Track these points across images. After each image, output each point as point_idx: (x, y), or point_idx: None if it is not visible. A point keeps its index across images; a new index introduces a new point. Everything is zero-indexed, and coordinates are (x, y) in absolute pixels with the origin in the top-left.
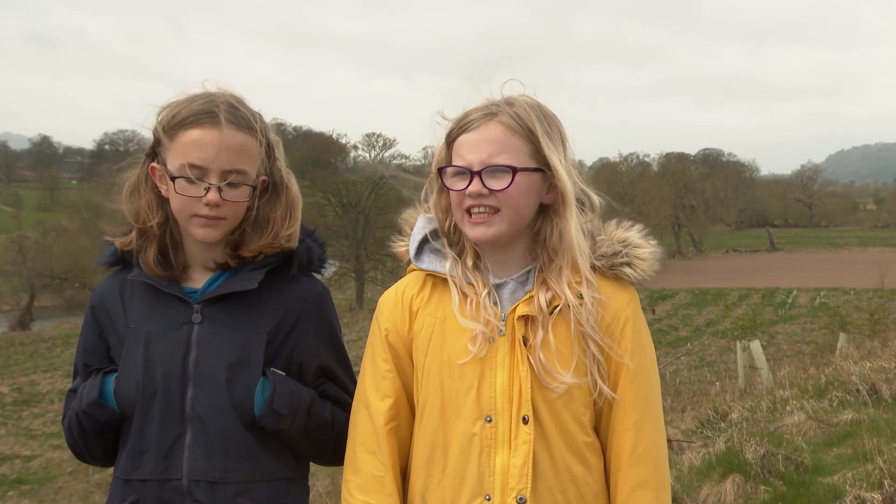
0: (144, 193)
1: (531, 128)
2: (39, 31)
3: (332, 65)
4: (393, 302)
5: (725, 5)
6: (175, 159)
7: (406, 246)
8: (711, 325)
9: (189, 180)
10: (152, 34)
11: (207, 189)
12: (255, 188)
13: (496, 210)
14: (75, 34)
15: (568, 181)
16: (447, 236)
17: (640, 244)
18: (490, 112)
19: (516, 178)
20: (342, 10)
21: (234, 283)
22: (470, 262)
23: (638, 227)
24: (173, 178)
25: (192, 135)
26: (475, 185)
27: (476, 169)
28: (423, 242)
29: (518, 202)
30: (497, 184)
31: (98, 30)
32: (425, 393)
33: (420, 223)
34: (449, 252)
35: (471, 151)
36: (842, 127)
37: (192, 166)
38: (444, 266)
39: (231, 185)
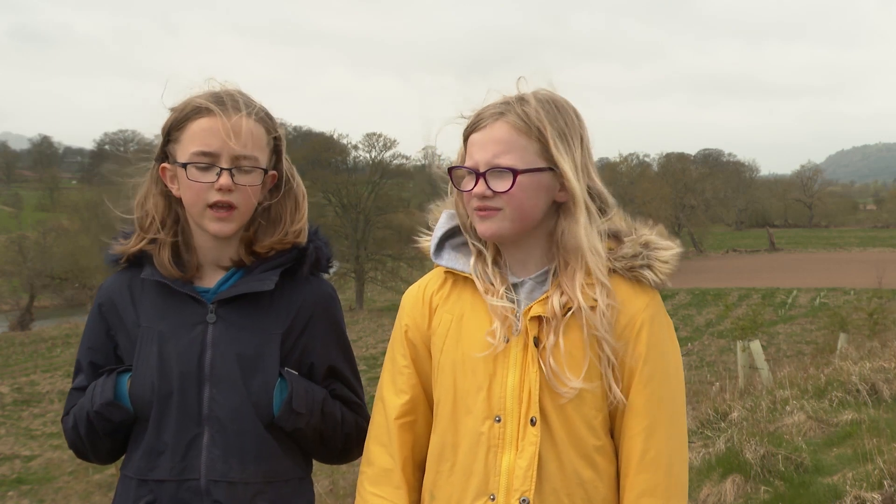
0: (153, 198)
1: (540, 126)
2: (28, 29)
3: (327, 63)
4: (414, 298)
5: (724, 2)
6: (185, 150)
7: (430, 241)
8: (711, 325)
9: (200, 166)
10: (143, 31)
11: (219, 174)
12: (266, 171)
13: (499, 209)
14: (65, 31)
15: (576, 182)
16: (468, 232)
17: (662, 246)
18: (499, 111)
19: (518, 179)
20: (336, 6)
21: (248, 283)
22: (490, 260)
23: (660, 227)
24: (184, 166)
25: (201, 123)
26: (479, 187)
27: (482, 170)
28: (445, 238)
29: (522, 202)
30: (500, 185)
31: (87, 27)
32: (439, 390)
33: (443, 219)
34: (473, 247)
35: (478, 151)
36: (842, 127)
37: (202, 153)
38: (463, 263)
39: (242, 170)
